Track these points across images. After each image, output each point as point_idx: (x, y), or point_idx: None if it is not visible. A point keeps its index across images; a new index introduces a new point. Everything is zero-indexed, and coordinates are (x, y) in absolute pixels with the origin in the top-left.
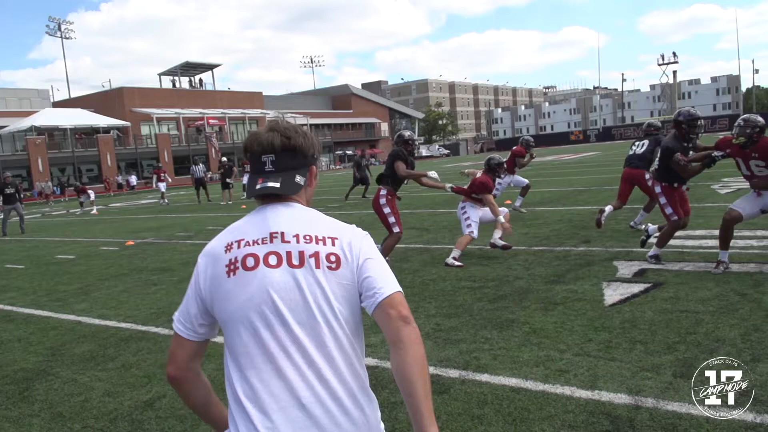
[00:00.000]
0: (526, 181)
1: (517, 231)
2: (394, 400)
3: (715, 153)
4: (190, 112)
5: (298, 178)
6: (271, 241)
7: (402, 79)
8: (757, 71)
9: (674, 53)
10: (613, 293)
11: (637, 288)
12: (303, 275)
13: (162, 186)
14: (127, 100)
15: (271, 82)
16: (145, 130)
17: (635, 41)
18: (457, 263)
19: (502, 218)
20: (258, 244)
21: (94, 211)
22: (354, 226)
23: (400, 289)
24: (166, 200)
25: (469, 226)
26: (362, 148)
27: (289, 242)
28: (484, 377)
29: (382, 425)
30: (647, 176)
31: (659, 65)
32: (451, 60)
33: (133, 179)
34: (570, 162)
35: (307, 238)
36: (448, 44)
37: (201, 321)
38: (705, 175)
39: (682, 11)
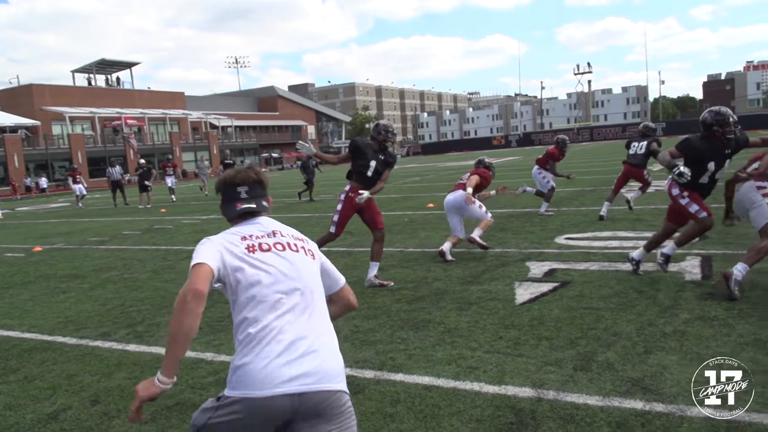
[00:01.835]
0: (540, 189)
1: (437, 234)
2: None
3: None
4: (107, 112)
5: (264, 202)
6: (274, 236)
7: (329, 82)
8: (663, 82)
9: (589, 63)
10: (524, 292)
11: (546, 287)
12: (300, 258)
13: (77, 188)
14: (36, 98)
15: (194, 82)
16: (57, 129)
17: (553, 51)
18: (482, 242)
19: (470, 190)
20: (266, 237)
21: None
22: None
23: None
24: (80, 203)
25: (486, 212)
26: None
27: (285, 236)
28: (399, 377)
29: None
30: (645, 172)
31: (575, 74)
32: (378, 64)
33: (44, 182)
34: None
35: (294, 236)
36: (375, 48)
37: (217, 265)
38: (613, 180)
39: (597, 23)
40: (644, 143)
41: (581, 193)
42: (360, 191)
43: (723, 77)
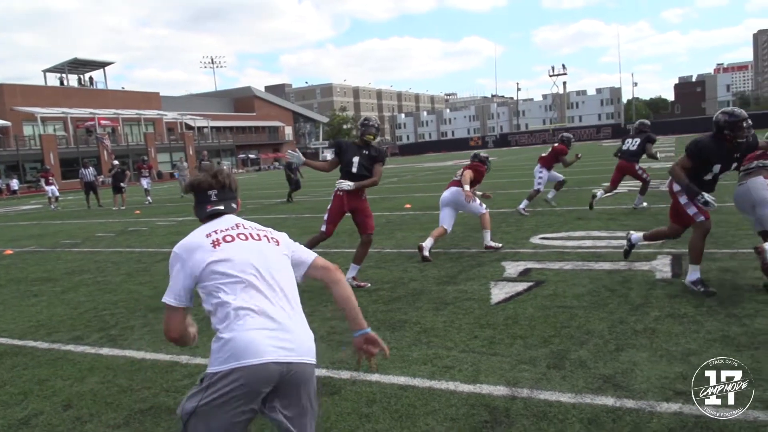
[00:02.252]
0: (562, 176)
1: (414, 234)
2: None
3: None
4: (80, 112)
5: (233, 204)
6: (237, 228)
7: (306, 82)
8: (636, 84)
9: (564, 65)
10: (499, 292)
11: (521, 287)
12: (263, 245)
13: (50, 190)
14: (7, 98)
15: (169, 83)
16: (28, 130)
17: (529, 53)
18: (497, 244)
19: (467, 187)
20: (229, 230)
21: None
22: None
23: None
24: (53, 206)
25: (481, 204)
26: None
27: (247, 228)
28: (375, 377)
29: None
30: (637, 167)
31: (550, 76)
32: (355, 65)
33: (15, 183)
34: None
35: (256, 228)
36: (352, 49)
37: (189, 294)
38: (587, 180)
39: (571, 26)
40: (638, 140)
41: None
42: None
43: (694, 79)
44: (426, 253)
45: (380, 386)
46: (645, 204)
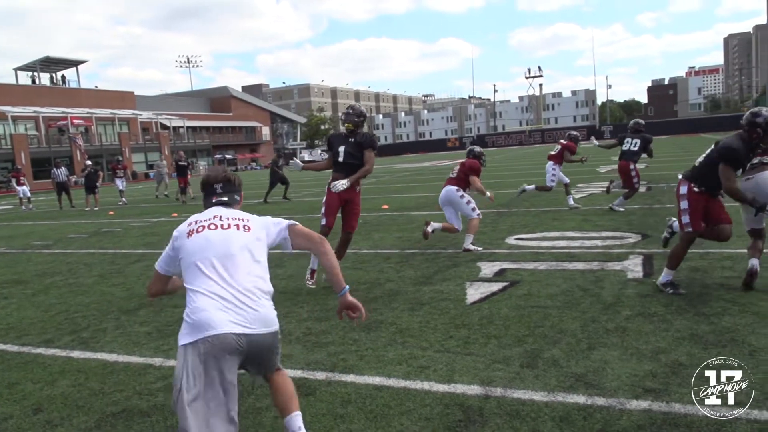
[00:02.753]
0: (567, 179)
1: (391, 235)
2: (260, 406)
3: None
4: (52, 111)
5: (236, 197)
6: (213, 219)
7: (284, 83)
8: (610, 87)
9: (540, 67)
10: (474, 292)
11: (496, 287)
12: (231, 233)
13: (21, 190)
14: None
15: (145, 82)
16: None
17: (506, 54)
18: (476, 248)
19: (488, 194)
20: (205, 221)
21: None
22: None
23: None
24: (24, 206)
25: (474, 209)
26: (279, 151)
27: (223, 219)
28: (350, 377)
29: (277, 320)
30: (631, 167)
31: (526, 78)
32: (333, 65)
33: None
34: (446, 168)
35: (231, 217)
36: (329, 50)
37: (171, 268)
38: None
39: (547, 29)
40: (638, 140)
41: (531, 195)
42: (336, 180)
43: (666, 82)
44: (429, 229)
45: (355, 387)
46: (623, 209)
